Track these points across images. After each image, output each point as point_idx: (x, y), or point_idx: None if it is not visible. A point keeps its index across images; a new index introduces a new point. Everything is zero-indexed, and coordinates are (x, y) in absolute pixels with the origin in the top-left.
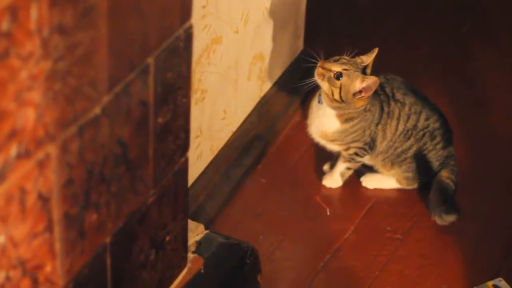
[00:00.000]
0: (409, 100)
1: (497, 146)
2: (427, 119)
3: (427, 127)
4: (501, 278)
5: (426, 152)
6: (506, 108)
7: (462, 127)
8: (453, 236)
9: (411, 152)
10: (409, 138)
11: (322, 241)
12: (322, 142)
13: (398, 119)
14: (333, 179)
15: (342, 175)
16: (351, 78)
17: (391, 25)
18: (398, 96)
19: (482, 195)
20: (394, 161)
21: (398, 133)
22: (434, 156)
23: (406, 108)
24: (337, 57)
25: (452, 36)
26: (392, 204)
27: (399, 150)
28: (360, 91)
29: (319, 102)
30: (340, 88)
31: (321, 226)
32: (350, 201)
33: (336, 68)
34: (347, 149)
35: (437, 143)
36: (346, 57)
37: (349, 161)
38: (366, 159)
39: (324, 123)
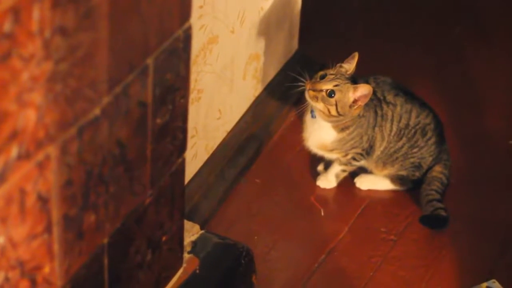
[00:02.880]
0: (399, 100)
1: (491, 146)
2: (417, 116)
3: (418, 124)
4: (494, 280)
5: (418, 149)
6: (500, 108)
7: (455, 127)
8: (447, 238)
9: (403, 150)
10: (401, 138)
11: (316, 241)
12: (321, 153)
13: (392, 120)
14: (328, 180)
15: (337, 176)
16: (344, 92)
17: (385, 26)
18: (389, 98)
19: (476, 196)
20: (386, 161)
21: (392, 134)
22: (427, 152)
23: (398, 109)
24: (322, 73)
25: (445, 38)
26: (386, 205)
27: (392, 150)
28: (355, 100)
29: (312, 116)
30: (336, 104)
31: (316, 226)
32: (344, 201)
33: (327, 86)
34: (346, 155)
35: (429, 139)
36: (331, 71)
37: (345, 164)
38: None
39: (321, 135)
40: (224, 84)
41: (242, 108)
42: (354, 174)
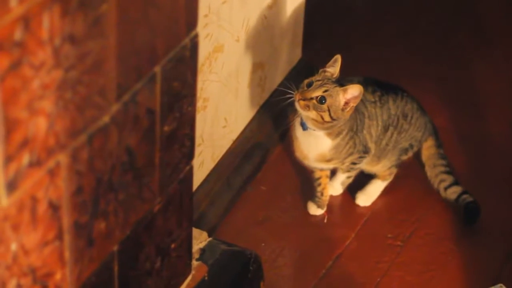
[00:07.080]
0: (377, 95)
1: (492, 151)
2: (394, 102)
3: (397, 109)
4: (501, 284)
5: (405, 132)
6: (504, 113)
7: (459, 133)
8: (453, 243)
9: (393, 139)
10: (388, 129)
11: (323, 248)
12: (320, 166)
13: (377, 117)
14: (334, 188)
15: (342, 183)
16: (334, 96)
17: (387, 33)
18: (369, 96)
19: (482, 201)
20: (380, 155)
21: (379, 128)
22: (414, 130)
23: (378, 104)
24: (308, 81)
25: (447, 43)
26: (392, 211)
27: (384, 142)
28: (346, 102)
29: (304, 129)
30: (329, 110)
31: (323, 233)
32: (351, 208)
33: (316, 93)
34: (343, 163)
35: (411, 118)
36: (317, 77)
37: (348, 171)
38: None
39: (318, 146)
40: (229, 92)
41: (247, 116)
42: (357, 186)
